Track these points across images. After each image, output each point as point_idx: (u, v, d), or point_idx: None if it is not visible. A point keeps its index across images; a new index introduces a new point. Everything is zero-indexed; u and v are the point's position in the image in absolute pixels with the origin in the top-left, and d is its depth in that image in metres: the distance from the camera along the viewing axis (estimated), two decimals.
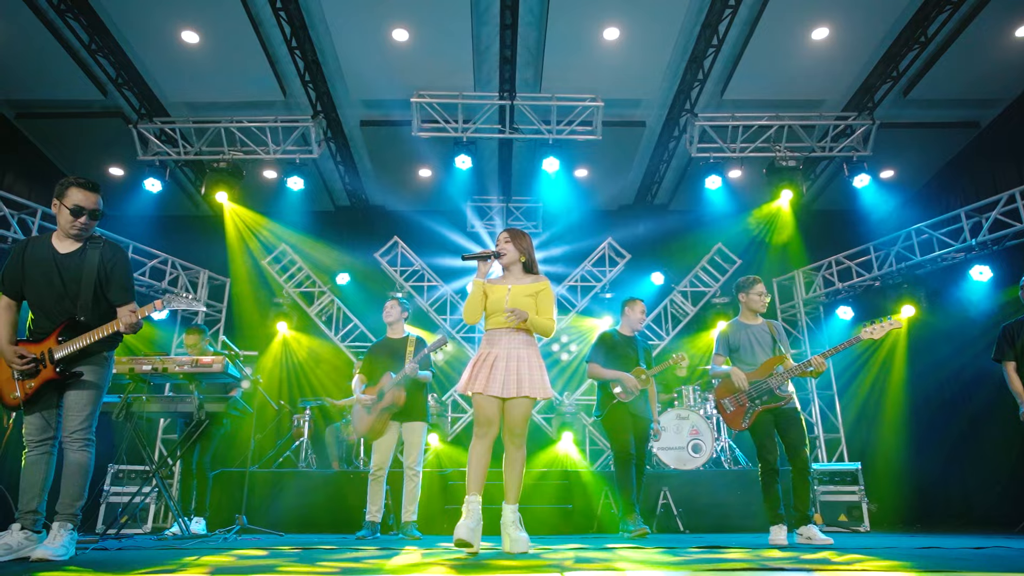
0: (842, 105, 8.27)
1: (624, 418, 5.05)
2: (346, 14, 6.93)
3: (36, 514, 3.10)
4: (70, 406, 3.17)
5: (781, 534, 4.24)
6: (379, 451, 5.07)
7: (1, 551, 2.98)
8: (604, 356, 5.19)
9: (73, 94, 7.95)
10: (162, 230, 9.46)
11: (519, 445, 3.32)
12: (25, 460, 3.14)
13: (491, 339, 3.43)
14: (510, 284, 3.48)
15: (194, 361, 4.94)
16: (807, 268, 8.94)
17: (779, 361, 4.51)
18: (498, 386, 3.27)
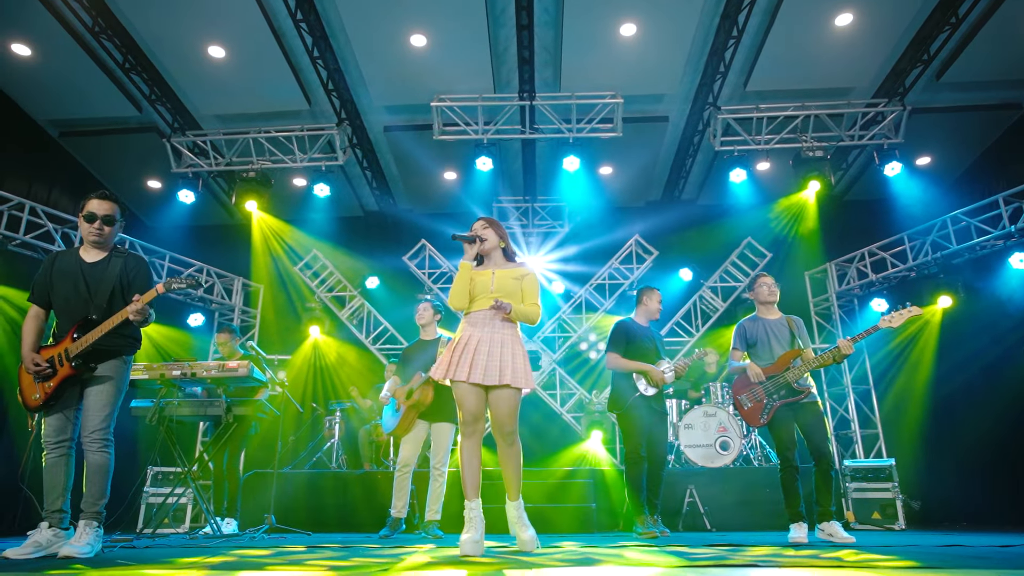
0: (872, 92, 8.05)
1: (643, 414, 4.83)
2: (364, 22, 7.05)
3: (61, 512, 3.25)
4: (89, 407, 3.30)
5: (801, 532, 4.17)
6: (406, 447, 5.15)
7: (32, 548, 3.14)
8: (624, 346, 4.94)
9: (110, 111, 8.28)
10: (198, 239, 9.78)
11: (511, 441, 3.18)
12: (45, 462, 3.30)
13: (473, 321, 3.29)
14: (493, 268, 3.37)
15: (221, 366, 5.10)
16: (839, 260, 8.72)
17: (796, 355, 4.43)
18: (480, 372, 3.12)
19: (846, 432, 8.21)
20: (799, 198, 8.38)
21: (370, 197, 10.26)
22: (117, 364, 3.40)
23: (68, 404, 3.35)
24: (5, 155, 7.96)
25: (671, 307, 9.49)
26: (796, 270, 9.20)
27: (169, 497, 5.37)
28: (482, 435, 3.27)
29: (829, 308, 8.80)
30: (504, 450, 3.18)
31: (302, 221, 9.73)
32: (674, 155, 9.35)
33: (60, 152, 8.89)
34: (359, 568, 2.28)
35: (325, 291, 9.57)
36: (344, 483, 6.63)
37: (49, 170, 8.66)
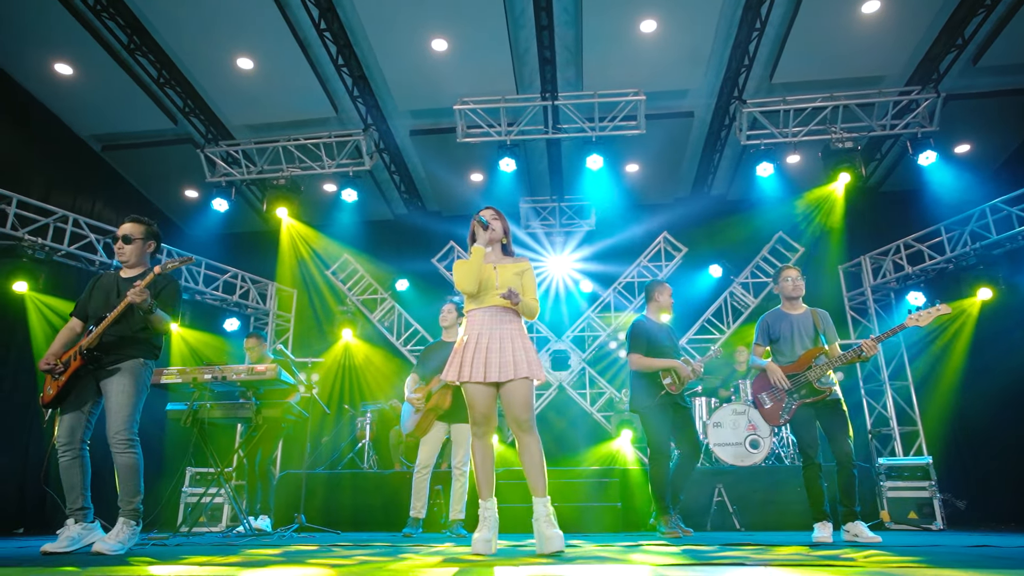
0: (905, 79, 7.83)
1: (668, 412, 4.78)
2: (386, 29, 7.17)
3: (84, 509, 3.42)
4: (110, 410, 3.44)
5: (826, 531, 4.10)
6: (425, 448, 5.25)
7: (66, 543, 3.31)
8: (646, 345, 4.86)
9: (148, 125, 8.59)
10: (233, 246, 10.06)
11: (528, 429, 3.09)
12: (60, 465, 3.44)
13: (479, 320, 3.24)
14: (494, 263, 3.33)
15: (250, 369, 5.26)
16: (874, 253, 8.50)
17: (818, 352, 4.35)
18: (495, 371, 3.10)
19: (885, 429, 7.99)
20: (829, 191, 8.19)
21: (398, 201, 10.40)
22: (135, 367, 3.53)
23: (81, 405, 3.49)
24: (52, 169, 8.33)
25: (701, 304, 9.40)
26: (830, 264, 9.00)
27: (203, 497, 5.55)
28: (492, 434, 3.27)
29: (864, 303, 8.58)
30: (523, 440, 3.10)
31: (333, 226, 9.93)
32: (701, 150, 9.25)
33: (102, 165, 9.26)
34: (359, 566, 2.34)
35: (357, 294, 9.74)
36: (375, 483, 6.74)
37: (93, 183, 9.03)
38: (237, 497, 5.60)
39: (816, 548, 3.40)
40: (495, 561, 2.65)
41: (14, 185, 7.42)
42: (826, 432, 4.36)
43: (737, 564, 2.38)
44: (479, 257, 3.26)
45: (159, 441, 7.83)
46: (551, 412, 9.29)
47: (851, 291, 8.73)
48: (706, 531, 5.87)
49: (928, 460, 6.13)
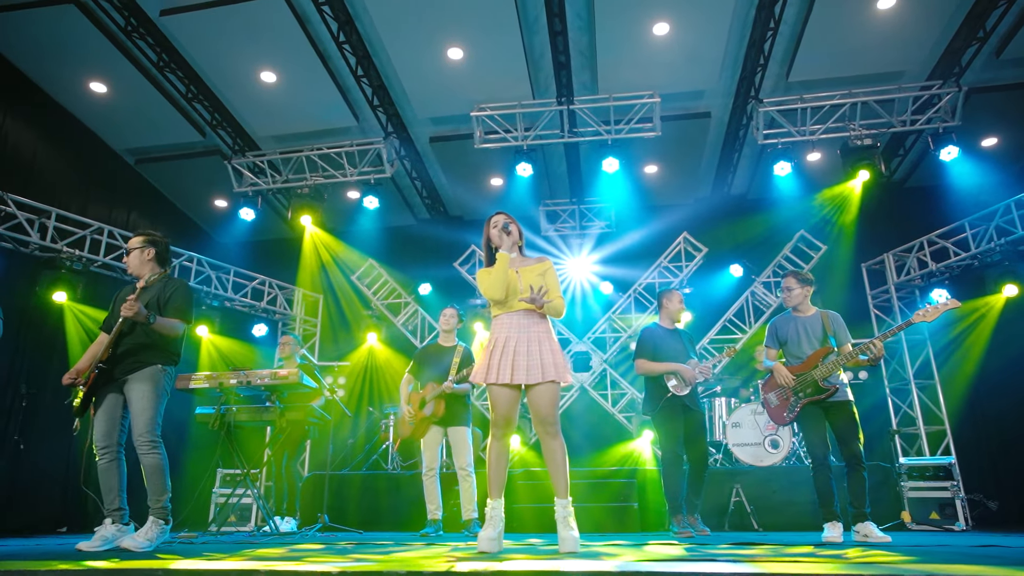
0: (926, 74, 7.72)
1: (677, 414, 4.88)
2: (403, 40, 7.33)
3: (120, 510, 3.62)
4: (133, 414, 3.65)
5: (835, 531, 4.12)
6: (427, 452, 5.41)
7: (100, 542, 3.50)
8: (652, 351, 5.01)
9: (178, 138, 8.90)
10: (261, 253, 10.35)
11: (554, 433, 3.15)
12: (99, 467, 3.66)
13: (507, 324, 3.27)
14: (516, 267, 3.37)
15: (273, 374, 5.44)
16: (898, 250, 8.39)
17: (827, 352, 4.38)
18: (523, 373, 3.14)
19: (911, 429, 7.89)
20: (848, 188, 8.12)
21: (421, 206, 10.58)
22: (153, 373, 3.71)
23: (113, 411, 3.70)
24: (89, 183, 8.70)
25: (723, 304, 9.37)
26: (853, 262, 8.90)
27: (231, 497, 5.77)
28: (511, 436, 3.32)
29: (889, 300, 8.47)
30: (548, 443, 3.16)
31: (357, 232, 10.15)
32: (720, 150, 9.24)
33: (136, 178, 9.61)
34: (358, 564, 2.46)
35: (381, 299, 9.93)
36: (398, 484, 6.90)
37: (127, 195, 9.39)
38: (264, 498, 5.80)
39: (822, 548, 3.43)
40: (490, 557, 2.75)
41: (53, 199, 7.79)
42: (836, 433, 4.39)
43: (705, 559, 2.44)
44: (505, 264, 3.28)
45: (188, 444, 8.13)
46: (574, 413, 9.36)
47: (875, 289, 8.63)
48: (724, 531, 5.89)
49: (951, 460, 6.06)
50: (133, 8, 6.92)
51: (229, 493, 5.73)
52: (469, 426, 5.45)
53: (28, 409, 7.28)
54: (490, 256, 3.51)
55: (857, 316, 8.60)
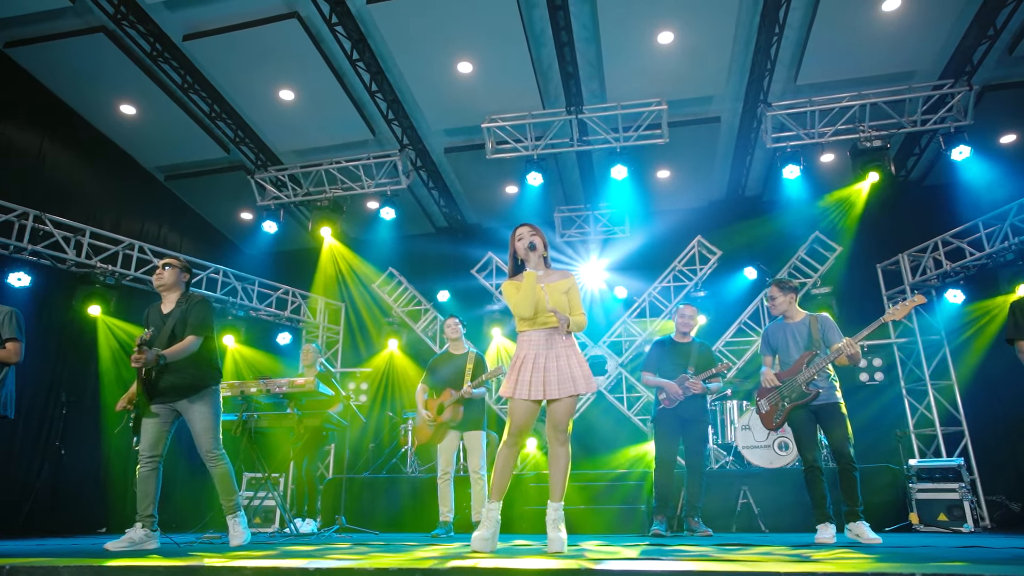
0: (938, 74, 7.68)
1: (670, 425, 5.26)
2: (414, 56, 7.55)
3: (151, 516, 3.90)
4: (197, 433, 4.00)
5: (828, 533, 4.22)
6: (443, 456, 5.61)
7: (126, 544, 3.77)
8: (656, 363, 5.39)
9: (204, 155, 9.29)
10: (286, 263, 10.70)
11: (564, 441, 3.32)
12: (139, 473, 3.94)
13: (535, 341, 3.38)
14: (542, 282, 3.43)
15: (291, 382, 5.71)
16: (912, 251, 8.34)
17: (810, 356, 4.49)
18: (554, 389, 3.27)
19: (928, 430, 7.84)
20: (855, 190, 8.10)
21: (439, 215, 10.83)
22: (208, 394, 4.06)
23: (161, 426, 3.99)
24: (122, 199, 9.14)
25: (738, 307, 9.40)
26: (868, 263, 8.87)
27: (253, 500, 6.05)
28: (523, 446, 3.48)
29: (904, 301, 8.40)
30: (557, 450, 3.33)
31: (378, 240, 10.43)
32: (733, 153, 9.28)
33: (167, 193, 10.04)
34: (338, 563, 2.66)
35: (401, 306, 10.19)
36: (414, 487, 7.12)
37: (158, 210, 9.83)
38: (285, 501, 6.08)
39: (800, 549, 3.53)
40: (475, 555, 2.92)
41: (90, 216, 8.23)
42: (826, 435, 4.54)
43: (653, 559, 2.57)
44: (532, 283, 3.34)
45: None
46: (590, 416, 9.48)
47: (890, 290, 8.58)
48: (731, 532, 5.98)
49: (959, 462, 6.05)
50: (158, 34, 7.28)
51: (251, 496, 6.02)
52: (484, 430, 5.65)
53: (68, 416, 7.69)
54: (515, 267, 3.59)
55: (873, 317, 8.51)
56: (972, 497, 5.88)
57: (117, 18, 6.97)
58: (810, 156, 8.31)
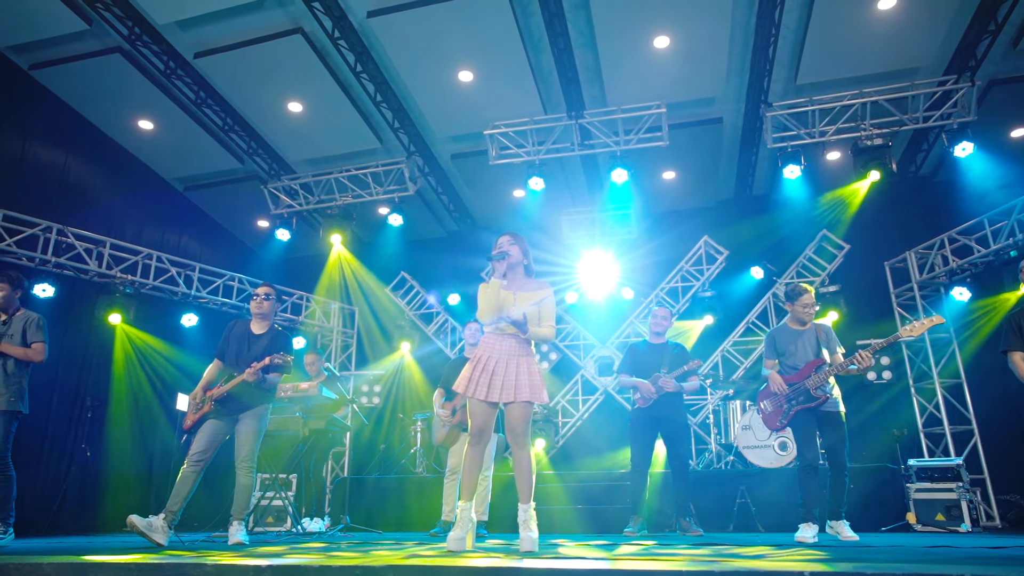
0: (942, 69, 7.62)
1: (645, 424, 5.42)
2: (416, 66, 7.73)
3: (174, 514, 4.13)
4: (240, 442, 4.36)
5: (809, 532, 4.30)
6: (453, 457, 5.76)
7: (144, 525, 3.95)
8: (631, 366, 5.55)
9: (219, 166, 9.61)
10: (302, 269, 10.97)
11: (522, 445, 3.43)
12: (182, 472, 4.22)
13: (492, 344, 3.52)
14: (515, 290, 3.55)
15: (295, 387, 5.95)
16: (919, 248, 8.27)
17: (819, 363, 4.58)
18: (497, 392, 3.40)
19: (937, 428, 7.78)
20: (866, 186, 8.06)
21: (449, 219, 11.01)
22: (262, 411, 4.48)
23: (216, 434, 4.33)
24: (143, 210, 9.51)
25: (745, 306, 9.41)
26: (875, 260, 8.81)
27: (261, 500, 6.30)
28: (487, 445, 3.62)
29: (912, 299, 8.35)
30: (517, 453, 3.45)
31: (390, 245, 10.60)
32: (738, 153, 9.29)
33: (186, 203, 10.40)
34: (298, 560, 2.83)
35: (413, 310, 10.40)
36: (420, 487, 7.30)
37: (178, 219, 10.19)
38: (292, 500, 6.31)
39: (781, 548, 3.61)
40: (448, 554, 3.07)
41: (111, 227, 8.60)
42: (824, 440, 4.64)
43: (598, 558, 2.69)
44: (495, 291, 3.50)
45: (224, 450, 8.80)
46: (598, 417, 9.58)
47: (898, 287, 8.51)
48: (728, 532, 6.04)
49: (957, 461, 6.02)
50: (171, 53, 7.58)
51: (259, 496, 6.27)
52: (493, 433, 5.78)
53: (93, 420, 8.07)
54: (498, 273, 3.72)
55: (881, 315, 8.53)
56: (971, 497, 5.85)
57: (132, 39, 7.28)
58: (815, 155, 8.30)
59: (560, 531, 6.38)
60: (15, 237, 7.21)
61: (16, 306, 4.76)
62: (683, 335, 9.39)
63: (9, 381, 4.53)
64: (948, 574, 1.63)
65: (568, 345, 9.90)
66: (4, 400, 4.49)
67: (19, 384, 4.59)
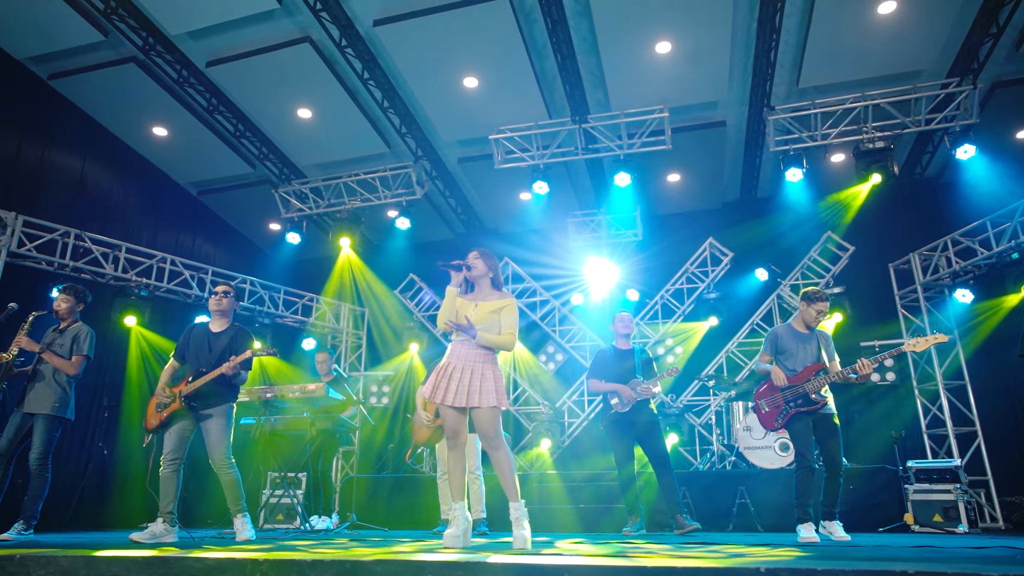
0: (944, 72, 7.64)
1: (623, 429, 5.50)
2: (422, 72, 7.88)
3: (171, 513, 4.31)
4: (211, 442, 4.39)
5: (811, 531, 4.38)
6: (443, 457, 5.89)
7: (148, 536, 4.17)
8: (602, 371, 5.63)
9: (231, 171, 9.82)
10: (313, 271, 11.15)
11: (497, 446, 3.56)
12: (161, 474, 4.37)
13: (455, 351, 3.68)
14: (477, 300, 3.72)
15: (303, 388, 6.11)
16: (923, 250, 8.29)
17: (819, 367, 4.65)
18: (458, 396, 3.55)
19: (940, 430, 7.81)
20: (870, 188, 8.10)
21: (457, 221, 11.16)
22: (227, 410, 4.48)
23: (184, 431, 4.42)
24: (157, 214, 9.75)
25: (749, 308, 9.46)
26: (880, 262, 8.83)
27: (271, 498, 6.48)
28: (464, 447, 3.75)
29: (916, 300, 8.37)
30: (493, 455, 3.58)
31: (399, 247, 10.79)
32: (743, 156, 9.35)
33: (200, 207, 10.63)
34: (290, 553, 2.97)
35: (422, 311, 10.56)
36: (425, 486, 7.45)
37: (192, 223, 10.43)
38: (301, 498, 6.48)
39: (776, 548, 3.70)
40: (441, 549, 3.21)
41: (126, 231, 8.83)
42: (819, 443, 4.72)
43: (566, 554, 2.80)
44: (450, 299, 3.72)
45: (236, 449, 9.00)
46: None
47: (902, 289, 8.54)
48: (728, 532, 6.12)
49: (955, 463, 6.06)
50: (184, 61, 7.79)
51: (269, 494, 6.45)
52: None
53: (110, 420, 8.30)
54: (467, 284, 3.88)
55: (885, 317, 8.57)
56: (969, 498, 5.89)
57: (146, 49, 7.49)
58: (817, 158, 8.34)
59: (562, 531, 6.50)
60: (35, 242, 7.44)
61: (75, 318, 5.01)
62: (687, 337, 9.47)
63: (54, 387, 4.79)
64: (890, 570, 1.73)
65: (574, 347, 10.00)
66: (48, 405, 4.75)
67: (64, 391, 4.83)
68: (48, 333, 5.01)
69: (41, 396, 4.79)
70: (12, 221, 7.23)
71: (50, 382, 4.80)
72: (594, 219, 10.41)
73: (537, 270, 10.31)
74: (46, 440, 4.74)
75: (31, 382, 4.85)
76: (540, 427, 9.21)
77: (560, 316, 10.19)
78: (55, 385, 4.81)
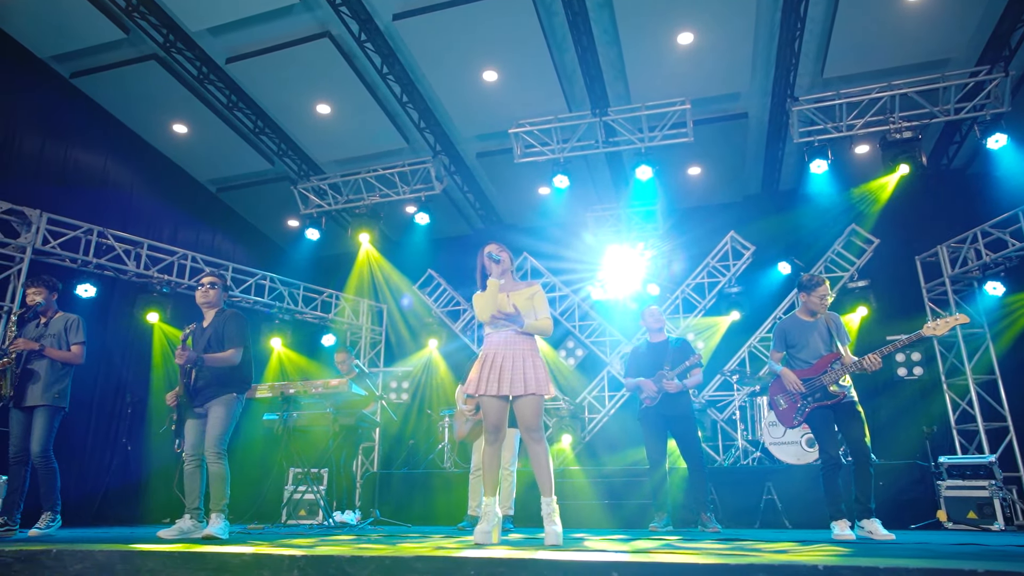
0: (974, 60, 7.47)
1: (655, 423, 5.49)
2: (441, 66, 7.84)
3: (198, 509, 4.31)
4: (207, 431, 4.32)
5: (845, 528, 4.27)
6: (476, 453, 5.86)
7: (176, 533, 4.19)
8: (635, 368, 5.63)
9: (251, 167, 9.84)
10: (332, 267, 11.17)
11: (537, 439, 3.51)
12: (185, 472, 4.38)
13: (495, 341, 3.63)
14: (507, 291, 3.70)
15: (325, 384, 6.09)
16: (951, 242, 8.13)
17: (834, 357, 4.51)
18: (507, 386, 3.51)
19: (971, 425, 7.67)
20: (895, 180, 7.95)
21: (475, 216, 11.11)
22: (228, 400, 4.37)
23: (199, 429, 4.38)
24: (179, 211, 9.80)
25: (772, 302, 9.34)
26: (907, 255, 8.67)
27: (294, 494, 6.49)
28: (503, 442, 3.70)
29: (944, 294, 8.22)
30: (533, 447, 3.52)
31: (418, 243, 10.75)
32: (765, 148, 9.22)
33: (219, 204, 10.67)
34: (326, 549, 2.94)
35: (440, 306, 10.54)
36: (448, 482, 7.43)
37: (212, 220, 10.48)
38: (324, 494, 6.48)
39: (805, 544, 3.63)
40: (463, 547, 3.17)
41: (148, 228, 8.88)
42: (844, 434, 4.52)
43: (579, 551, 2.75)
44: (494, 290, 3.64)
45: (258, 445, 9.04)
46: (625, 412, 9.60)
47: (929, 282, 8.38)
48: (755, 528, 6.05)
49: (991, 459, 5.94)
50: (204, 58, 7.80)
51: (292, 489, 6.45)
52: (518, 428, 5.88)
53: (133, 415, 8.36)
54: (483, 281, 3.85)
55: (912, 310, 8.41)
56: (1005, 495, 5.77)
57: (166, 46, 7.51)
58: (842, 149, 8.20)
59: (586, 526, 6.46)
60: (59, 240, 7.49)
61: (55, 308, 5.00)
62: (709, 331, 9.37)
63: (53, 379, 4.77)
64: (966, 568, 1.66)
65: (594, 342, 9.94)
66: (49, 396, 4.73)
67: (63, 382, 4.83)
68: (31, 328, 4.94)
69: (41, 388, 4.74)
70: (37, 219, 7.28)
71: (48, 374, 4.76)
72: (613, 213, 10.33)
73: (556, 264, 10.26)
74: (47, 432, 4.69)
75: (27, 378, 4.78)
76: (561, 423, 9.14)
77: (580, 311, 10.12)
78: (53, 376, 4.77)
